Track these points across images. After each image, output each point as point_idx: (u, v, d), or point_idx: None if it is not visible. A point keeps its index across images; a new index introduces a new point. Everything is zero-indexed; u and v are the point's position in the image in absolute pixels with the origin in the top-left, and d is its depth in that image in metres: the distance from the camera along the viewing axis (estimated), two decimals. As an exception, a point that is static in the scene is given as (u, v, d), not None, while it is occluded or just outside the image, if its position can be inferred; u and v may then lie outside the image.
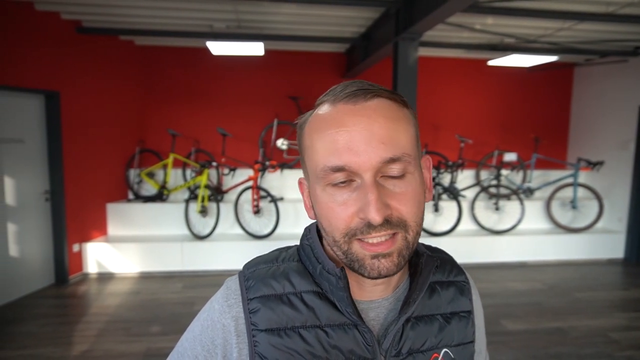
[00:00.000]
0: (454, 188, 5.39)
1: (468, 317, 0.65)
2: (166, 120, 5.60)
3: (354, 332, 0.56)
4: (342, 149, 0.49)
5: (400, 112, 0.52)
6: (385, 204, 0.49)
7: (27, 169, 3.98)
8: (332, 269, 0.55)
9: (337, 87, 0.54)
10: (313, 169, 0.53)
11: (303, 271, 0.59)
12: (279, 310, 0.56)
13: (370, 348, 0.56)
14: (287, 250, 0.64)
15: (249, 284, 0.59)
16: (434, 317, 0.61)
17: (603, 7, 3.70)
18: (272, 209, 4.83)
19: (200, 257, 4.66)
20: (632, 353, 2.94)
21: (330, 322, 0.56)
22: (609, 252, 5.30)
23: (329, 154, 0.50)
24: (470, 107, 6.18)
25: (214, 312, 0.59)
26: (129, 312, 3.61)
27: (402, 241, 0.51)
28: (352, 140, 0.49)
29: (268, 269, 0.60)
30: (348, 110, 0.51)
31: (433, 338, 0.60)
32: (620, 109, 5.44)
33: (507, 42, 4.95)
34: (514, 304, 3.84)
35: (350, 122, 0.50)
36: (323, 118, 0.52)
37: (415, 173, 0.52)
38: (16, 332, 3.23)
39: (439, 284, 0.64)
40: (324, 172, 0.51)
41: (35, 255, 4.10)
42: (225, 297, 0.59)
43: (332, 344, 0.55)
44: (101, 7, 3.89)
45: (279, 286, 0.58)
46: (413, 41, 3.55)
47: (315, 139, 0.52)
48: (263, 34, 4.66)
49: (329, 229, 0.52)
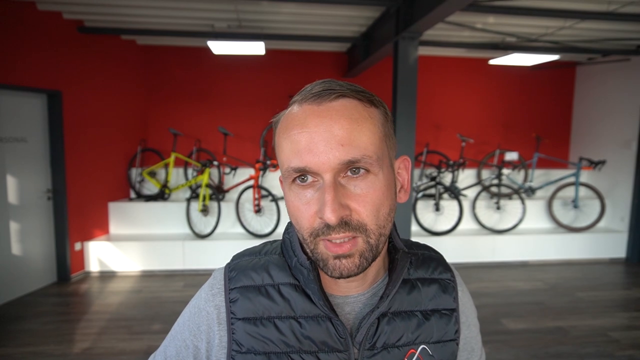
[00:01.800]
0: (455, 187, 5.39)
1: (451, 314, 0.65)
2: (168, 120, 5.62)
3: (327, 324, 0.57)
4: (303, 150, 0.50)
5: (365, 112, 0.52)
6: (343, 205, 0.49)
7: (30, 168, 4.01)
8: (304, 261, 0.56)
9: (308, 87, 0.54)
10: (281, 168, 0.54)
11: (282, 264, 0.61)
12: (257, 301, 0.58)
13: (343, 340, 0.57)
14: (272, 244, 0.66)
15: (232, 275, 0.61)
16: (413, 313, 0.62)
17: (604, 6, 3.69)
18: (273, 208, 4.84)
19: (201, 256, 4.67)
20: (632, 352, 2.94)
21: (305, 313, 0.58)
22: (611, 252, 5.28)
23: (292, 155, 0.51)
24: (472, 106, 6.17)
25: (201, 299, 0.62)
26: (130, 310, 3.63)
27: (363, 244, 0.51)
28: (312, 141, 0.50)
29: (250, 260, 0.63)
30: (312, 111, 0.51)
31: (410, 334, 0.60)
32: (622, 108, 5.41)
33: (509, 41, 4.94)
34: (515, 303, 3.84)
35: (313, 124, 0.50)
36: (290, 118, 0.53)
37: (379, 174, 0.52)
38: (18, 329, 3.25)
39: (420, 281, 0.64)
40: (287, 172, 0.52)
41: (38, 254, 4.12)
42: (210, 286, 0.62)
43: (305, 335, 0.57)
44: (103, 6, 3.90)
45: (259, 278, 0.60)
46: (413, 40, 3.55)
47: (282, 139, 0.53)
48: (264, 33, 4.67)
49: (298, 227, 0.54)
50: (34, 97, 4.02)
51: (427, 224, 5.12)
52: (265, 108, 5.71)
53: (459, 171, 5.48)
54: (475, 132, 6.13)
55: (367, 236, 0.51)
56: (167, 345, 0.64)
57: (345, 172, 0.50)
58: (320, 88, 0.52)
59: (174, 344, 0.63)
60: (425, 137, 5.96)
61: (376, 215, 0.51)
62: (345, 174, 0.51)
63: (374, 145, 0.51)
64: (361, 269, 0.52)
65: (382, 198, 0.52)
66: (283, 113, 0.56)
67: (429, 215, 5.15)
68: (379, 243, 0.53)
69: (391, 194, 0.54)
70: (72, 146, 4.30)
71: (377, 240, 0.52)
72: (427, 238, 4.96)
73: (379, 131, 0.53)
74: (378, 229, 0.52)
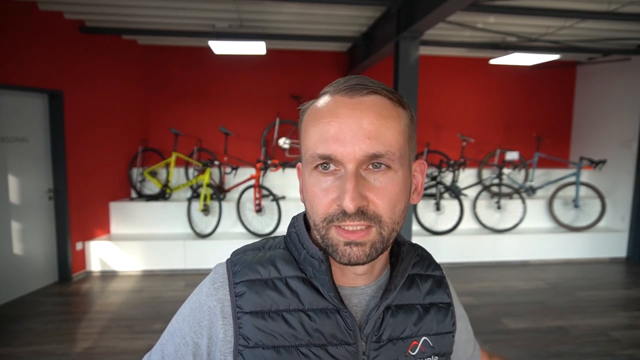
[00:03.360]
0: (455, 187, 5.39)
1: (447, 308, 0.68)
2: (169, 120, 5.63)
3: (336, 316, 0.58)
4: (331, 138, 0.52)
5: (394, 111, 0.54)
6: (362, 195, 0.51)
7: (31, 167, 4.02)
8: (316, 252, 0.57)
9: (341, 80, 0.56)
10: (304, 154, 0.56)
11: (289, 258, 0.61)
12: (264, 294, 0.58)
13: (352, 333, 0.58)
14: (274, 239, 0.66)
15: (236, 269, 0.61)
16: (414, 307, 0.64)
17: (605, 6, 3.69)
18: (274, 208, 4.85)
19: (202, 256, 4.68)
20: (633, 352, 2.94)
21: (313, 306, 0.58)
22: (612, 251, 5.28)
23: (319, 142, 0.53)
24: (472, 106, 6.18)
25: (202, 295, 0.61)
26: (131, 310, 3.64)
27: (376, 235, 0.53)
28: (341, 131, 0.51)
29: (255, 255, 0.63)
30: (343, 102, 0.53)
31: (412, 326, 0.62)
32: (623, 107, 5.42)
33: (509, 41, 4.94)
34: (516, 302, 3.84)
35: (343, 114, 0.52)
36: (320, 107, 0.55)
37: (399, 171, 0.54)
38: (20, 329, 3.26)
39: (417, 277, 0.67)
40: (312, 158, 0.53)
41: (39, 254, 4.13)
42: (212, 280, 0.62)
43: (314, 328, 0.57)
44: (104, 7, 3.91)
45: (265, 271, 0.60)
46: (414, 40, 3.55)
47: (310, 126, 0.55)
48: (265, 33, 4.67)
49: (311, 212, 0.55)
50: (36, 97, 4.03)
51: (427, 224, 5.12)
52: (267, 108, 5.72)
53: (459, 171, 5.48)
54: (475, 131, 6.13)
55: (380, 227, 0.53)
56: (165, 343, 0.63)
57: (367, 165, 0.52)
58: (354, 82, 0.54)
59: (172, 341, 0.61)
60: (426, 136, 5.97)
61: (392, 209, 0.53)
62: (367, 167, 0.52)
63: (398, 143, 0.53)
64: (369, 259, 0.53)
65: (399, 194, 0.54)
66: (312, 102, 0.58)
67: (430, 214, 5.16)
68: (390, 237, 0.54)
69: (407, 192, 0.56)
70: (73, 146, 4.31)
71: (389, 234, 0.54)
72: (427, 238, 4.97)
73: (404, 131, 0.55)
74: (392, 224, 0.53)
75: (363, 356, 0.58)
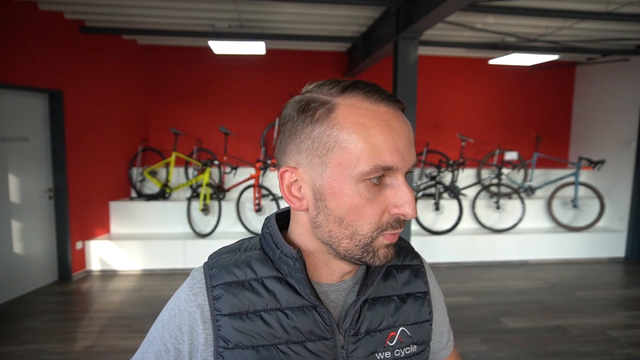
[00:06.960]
0: (454, 187, 5.40)
1: (424, 297, 0.68)
2: (169, 119, 5.64)
3: (313, 313, 0.59)
4: (393, 150, 0.52)
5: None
6: None
7: (31, 167, 4.03)
8: (290, 251, 0.57)
9: (360, 84, 0.53)
10: (346, 162, 0.51)
11: (264, 258, 0.61)
12: (241, 296, 0.58)
13: (329, 328, 0.59)
14: (249, 240, 0.66)
15: (212, 273, 0.61)
16: (390, 298, 0.65)
17: (603, 6, 3.70)
18: (274, 207, 4.86)
19: (202, 255, 4.68)
20: (631, 351, 2.95)
21: (290, 304, 0.58)
22: (610, 251, 5.29)
23: (379, 153, 0.51)
24: (471, 106, 6.19)
25: (180, 301, 0.61)
26: (131, 309, 3.65)
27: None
28: (401, 142, 0.53)
29: (230, 257, 0.63)
30: (392, 114, 0.53)
31: (390, 317, 0.63)
32: (622, 107, 5.43)
33: (508, 41, 4.96)
34: (515, 302, 3.85)
35: (397, 126, 0.53)
36: (368, 116, 0.52)
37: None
38: (20, 327, 3.27)
39: (394, 268, 0.68)
40: (368, 168, 0.51)
41: (39, 253, 4.14)
42: (190, 286, 0.62)
43: (292, 325, 0.58)
44: (104, 7, 3.92)
45: (241, 273, 0.60)
46: (413, 40, 3.56)
47: (358, 133, 0.51)
48: (265, 33, 4.68)
49: (354, 224, 0.53)
50: (36, 96, 4.04)
51: (427, 224, 5.13)
52: (266, 108, 5.73)
53: (458, 171, 5.49)
54: (475, 131, 6.14)
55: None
56: (145, 351, 0.62)
57: None
58: (385, 92, 0.54)
59: (153, 349, 0.61)
60: (425, 136, 5.98)
61: None
62: None
63: None
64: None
65: None
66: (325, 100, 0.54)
67: (429, 214, 5.17)
68: None
69: None
70: (73, 145, 4.32)
71: None
72: (427, 237, 4.98)
73: None
74: None
75: (342, 350, 0.59)
